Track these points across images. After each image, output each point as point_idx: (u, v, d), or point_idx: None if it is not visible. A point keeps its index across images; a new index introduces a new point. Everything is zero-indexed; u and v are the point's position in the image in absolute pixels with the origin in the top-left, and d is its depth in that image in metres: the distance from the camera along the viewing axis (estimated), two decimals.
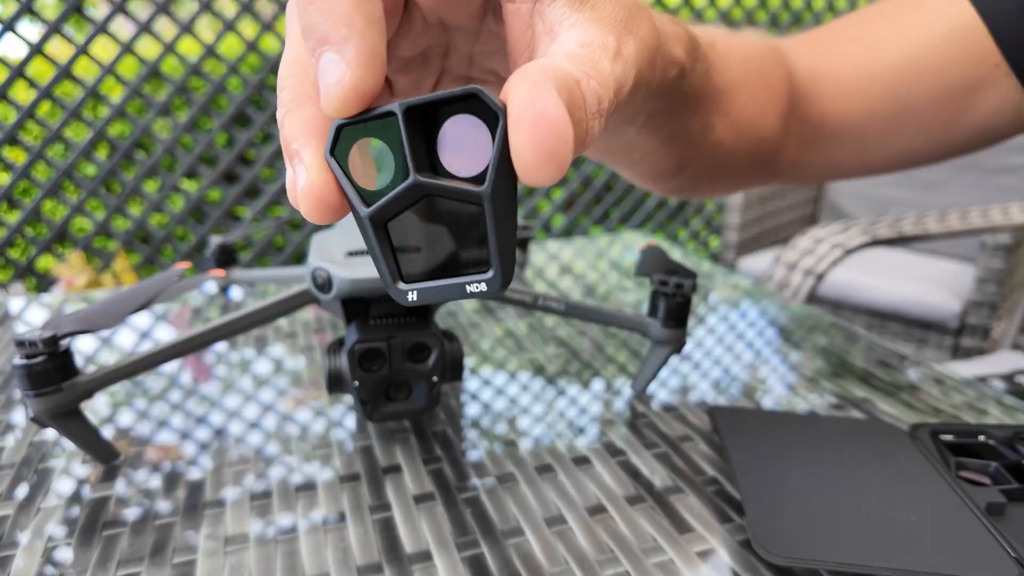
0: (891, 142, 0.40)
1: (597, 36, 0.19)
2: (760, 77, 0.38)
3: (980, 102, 0.36)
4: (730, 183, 0.42)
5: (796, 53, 0.41)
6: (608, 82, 0.18)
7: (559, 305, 0.37)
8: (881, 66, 0.38)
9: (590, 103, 0.17)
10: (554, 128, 0.15)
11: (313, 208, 0.17)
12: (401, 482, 0.32)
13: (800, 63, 0.40)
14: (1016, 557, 0.25)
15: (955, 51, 0.36)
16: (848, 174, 0.44)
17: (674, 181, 0.40)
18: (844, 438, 0.33)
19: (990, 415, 0.38)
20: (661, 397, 0.40)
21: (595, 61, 0.18)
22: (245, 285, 0.59)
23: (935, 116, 0.38)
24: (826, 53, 0.40)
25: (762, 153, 0.40)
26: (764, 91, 0.38)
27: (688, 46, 0.29)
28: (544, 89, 0.15)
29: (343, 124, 0.17)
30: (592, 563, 0.27)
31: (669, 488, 0.31)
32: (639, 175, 0.40)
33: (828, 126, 0.40)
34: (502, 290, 0.17)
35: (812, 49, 0.41)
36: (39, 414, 0.30)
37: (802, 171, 0.43)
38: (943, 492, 0.29)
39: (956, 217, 1.12)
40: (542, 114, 0.15)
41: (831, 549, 0.25)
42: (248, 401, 0.40)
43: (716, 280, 0.61)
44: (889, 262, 1.65)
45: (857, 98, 0.39)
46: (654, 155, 0.36)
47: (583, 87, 0.17)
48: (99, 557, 0.27)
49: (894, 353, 0.46)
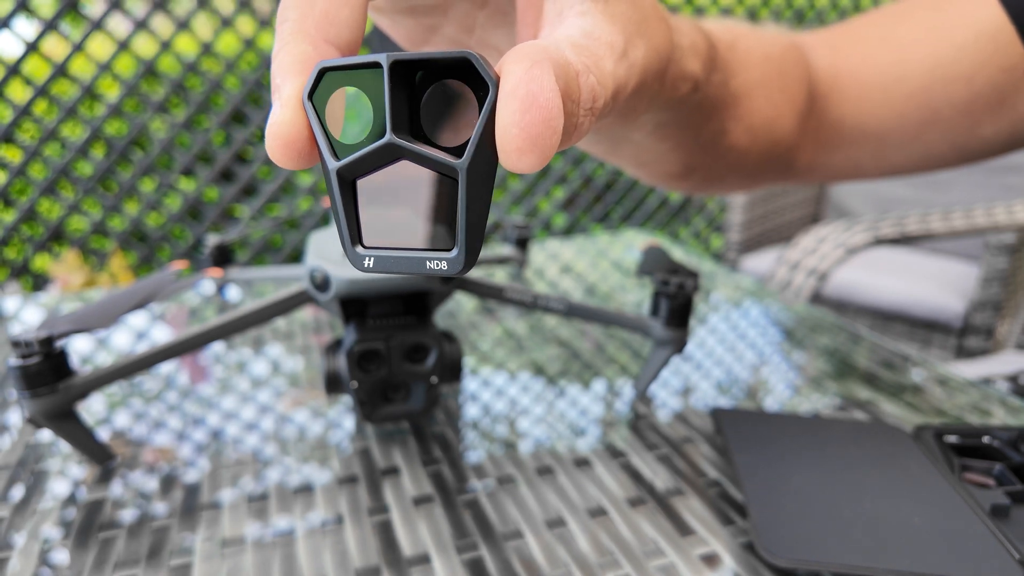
0: (914, 147, 0.39)
1: (606, 32, 0.18)
2: (779, 77, 0.37)
3: (1009, 109, 0.35)
4: (743, 183, 0.41)
5: (817, 51, 0.40)
6: (607, 82, 0.18)
7: (560, 305, 0.37)
8: (909, 69, 0.37)
9: (584, 98, 0.17)
10: (545, 113, 0.14)
11: (279, 149, 0.16)
12: (400, 484, 0.32)
13: (821, 62, 0.39)
14: (1020, 559, 0.25)
15: (986, 56, 0.34)
16: (867, 176, 0.43)
17: (684, 183, 0.39)
18: (848, 440, 0.33)
19: (994, 416, 0.37)
20: (663, 398, 0.40)
21: (599, 57, 0.17)
22: (242, 284, 0.59)
23: (962, 122, 0.36)
24: (850, 52, 0.39)
25: (777, 154, 0.39)
26: (781, 92, 0.37)
27: (706, 56, 0.28)
28: (542, 69, 0.15)
29: (326, 68, 0.16)
30: (593, 566, 0.26)
31: (671, 490, 0.31)
32: (647, 175, 0.39)
33: (848, 128, 0.39)
34: (463, 272, 0.17)
35: (834, 48, 0.39)
36: (34, 415, 0.29)
37: (818, 172, 0.42)
38: (947, 494, 0.29)
39: (960, 216, 1.12)
40: (536, 96, 0.14)
41: (834, 551, 0.25)
42: (245, 402, 0.40)
43: (718, 280, 0.61)
44: (893, 262, 1.65)
45: (882, 101, 0.38)
46: (664, 159, 0.35)
47: (581, 80, 0.16)
48: (95, 559, 0.27)
49: (898, 354, 0.45)
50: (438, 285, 0.32)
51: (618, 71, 0.18)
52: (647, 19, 0.20)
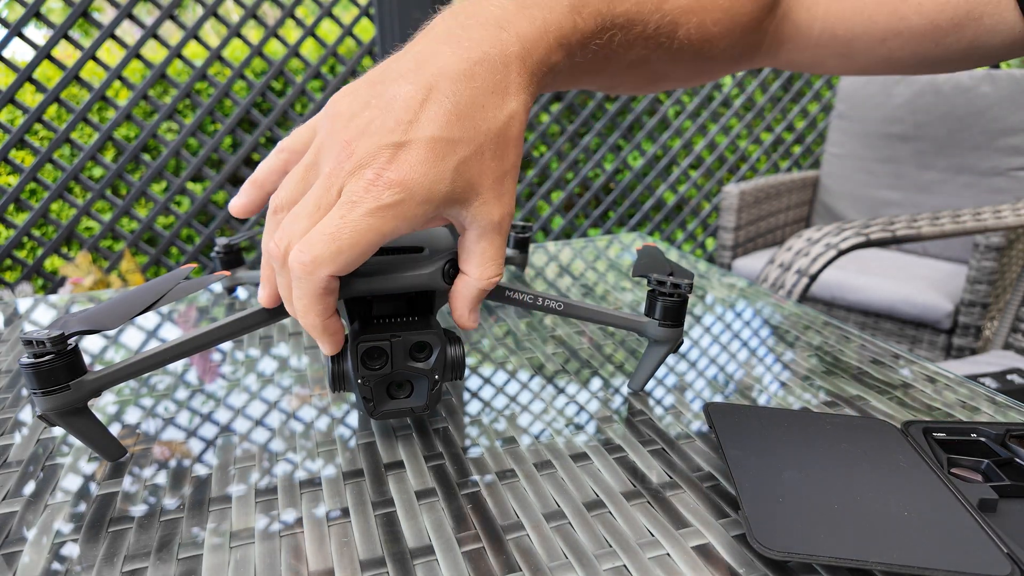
0: (878, 51, 0.41)
1: (488, 255, 0.31)
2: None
3: (976, 21, 0.37)
4: (715, 74, 0.44)
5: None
6: (498, 277, 0.32)
7: (558, 305, 0.38)
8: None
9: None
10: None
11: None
12: (403, 478, 0.32)
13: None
14: (1008, 552, 0.25)
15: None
16: (828, 72, 0.46)
17: (662, 85, 0.43)
18: (838, 434, 0.34)
19: (982, 413, 0.38)
20: (658, 395, 0.41)
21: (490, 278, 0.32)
22: (251, 286, 0.60)
23: (928, 32, 0.38)
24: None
25: (728, 58, 0.42)
26: (721, 12, 0.39)
27: (586, 26, 0.33)
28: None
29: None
30: (590, 557, 0.27)
31: (666, 484, 0.32)
32: (623, 91, 0.44)
33: (817, 30, 0.41)
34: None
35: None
36: (46, 412, 0.30)
37: (780, 63, 0.45)
38: (936, 488, 0.29)
39: (949, 219, 1.13)
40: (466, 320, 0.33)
41: (826, 544, 0.26)
42: (253, 399, 0.40)
43: (712, 280, 0.62)
44: (882, 262, 1.66)
45: (854, 5, 0.40)
46: (621, 84, 0.42)
47: (486, 288, 0.32)
48: (105, 552, 0.28)
49: (887, 352, 0.46)
50: (441, 285, 0.32)
51: (500, 267, 0.32)
52: (502, 180, 0.30)
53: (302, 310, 0.29)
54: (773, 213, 1.95)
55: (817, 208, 2.03)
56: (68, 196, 1.61)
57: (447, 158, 0.28)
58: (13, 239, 1.57)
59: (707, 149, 2.33)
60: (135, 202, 1.70)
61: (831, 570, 0.26)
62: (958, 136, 1.64)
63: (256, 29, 1.65)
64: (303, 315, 0.29)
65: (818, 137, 2.42)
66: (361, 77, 0.31)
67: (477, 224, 0.30)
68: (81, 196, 1.90)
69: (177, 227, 1.72)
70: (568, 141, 2.17)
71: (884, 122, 1.77)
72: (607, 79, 0.40)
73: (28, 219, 1.57)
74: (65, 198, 1.61)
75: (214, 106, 1.65)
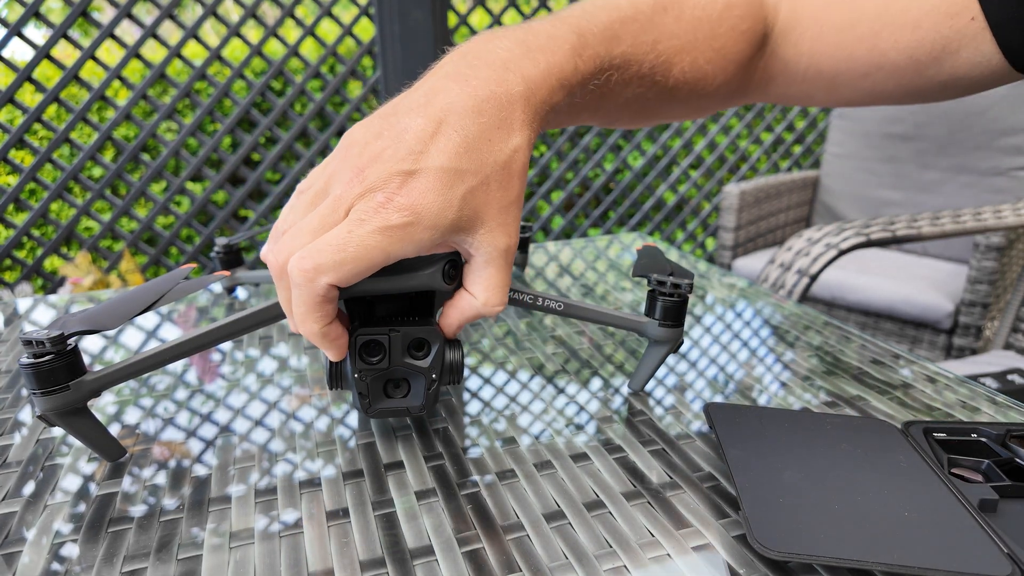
0: (863, 85, 0.42)
1: (495, 281, 0.32)
2: (709, 39, 0.40)
3: (954, 54, 0.38)
4: (709, 110, 0.46)
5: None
6: (501, 306, 0.33)
7: (558, 305, 0.38)
8: (861, 14, 0.39)
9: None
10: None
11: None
12: (403, 478, 0.32)
13: (783, 4, 0.43)
14: (1008, 553, 0.25)
15: (932, 3, 0.37)
16: (819, 105, 0.47)
17: (657, 120, 0.45)
18: (839, 434, 0.34)
19: (982, 413, 0.38)
20: (658, 395, 0.41)
21: (495, 305, 0.33)
22: (251, 286, 0.60)
23: (909, 65, 0.39)
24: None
25: (722, 95, 0.43)
26: (713, 51, 0.40)
27: (586, 68, 0.34)
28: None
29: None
30: (590, 558, 0.27)
31: (666, 484, 0.32)
32: (620, 125, 0.45)
33: (804, 66, 0.43)
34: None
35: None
36: (46, 412, 0.30)
37: (771, 97, 0.47)
38: (936, 488, 0.29)
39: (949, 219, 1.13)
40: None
41: (826, 544, 0.26)
42: (253, 399, 0.40)
43: (712, 280, 0.62)
44: (883, 262, 1.66)
45: (835, 42, 0.41)
46: (619, 119, 0.43)
47: (487, 314, 0.33)
48: (105, 553, 0.28)
49: (888, 352, 0.46)
50: (441, 285, 0.32)
51: (505, 295, 0.33)
52: (506, 210, 0.31)
53: (300, 317, 0.29)
54: (773, 213, 1.95)
55: (817, 208, 2.03)
56: (68, 196, 1.61)
57: (455, 187, 0.29)
58: (13, 239, 1.57)
59: (707, 149, 2.33)
60: (135, 202, 1.70)
61: (831, 570, 0.26)
62: (959, 136, 1.64)
63: (256, 29, 1.65)
64: (302, 322, 0.30)
65: (818, 137, 2.42)
66: (374, 111, 0.32)
67: (483, 252, 0.31)
68: (81, 196, 1.90)
69: (177, 227, 1.72)
70: (568, 141, 2.17)
71: (884, 122, 1.77)
72: (604, 115, 0.41)
73: (28, 219, 1.57)
74: (65, 198, 1.61)
75: (213, 106, 1.65)
